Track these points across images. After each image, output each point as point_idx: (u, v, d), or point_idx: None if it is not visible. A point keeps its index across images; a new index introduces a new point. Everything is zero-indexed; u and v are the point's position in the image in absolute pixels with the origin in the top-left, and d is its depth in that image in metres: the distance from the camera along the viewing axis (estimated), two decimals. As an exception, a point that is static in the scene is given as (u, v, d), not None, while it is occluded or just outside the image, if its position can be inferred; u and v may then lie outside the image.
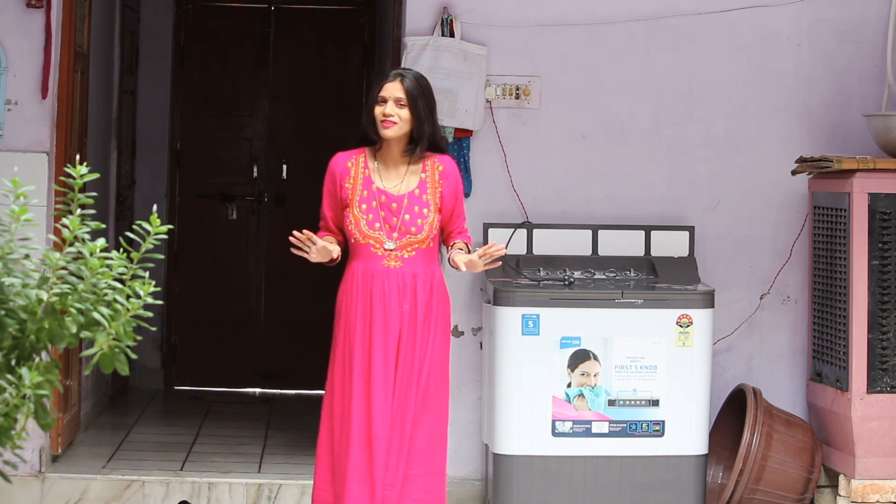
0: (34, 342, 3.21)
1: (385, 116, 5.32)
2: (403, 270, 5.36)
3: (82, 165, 3.43)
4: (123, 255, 3.34)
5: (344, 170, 5.43)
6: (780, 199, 6.94)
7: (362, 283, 5.38)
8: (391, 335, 5.34)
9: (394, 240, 5.35)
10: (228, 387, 9.33)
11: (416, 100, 5.33)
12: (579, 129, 6.88)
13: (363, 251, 5.38)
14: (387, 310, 5.34)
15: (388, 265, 5.36)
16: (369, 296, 5.36)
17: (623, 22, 6.87)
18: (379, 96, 5.36)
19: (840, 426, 6.51)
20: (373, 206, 5.37)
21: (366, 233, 5.36)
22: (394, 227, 5.36)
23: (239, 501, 6.53)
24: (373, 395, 5.32)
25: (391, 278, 5.35)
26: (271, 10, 9.56)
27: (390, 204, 5.36)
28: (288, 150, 9.58)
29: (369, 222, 5.36)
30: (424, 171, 5.41)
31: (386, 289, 5.35)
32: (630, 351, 6.30)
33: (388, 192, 5.38)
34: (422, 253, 5.38)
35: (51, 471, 6.58)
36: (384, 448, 5.29)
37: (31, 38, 6.47)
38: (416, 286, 5.36)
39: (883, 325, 6.42)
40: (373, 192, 5.38)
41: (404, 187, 5.39)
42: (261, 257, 9.55)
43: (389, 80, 5.37)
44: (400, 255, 5.36)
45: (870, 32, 6.95)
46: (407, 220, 5.36)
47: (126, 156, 8.89)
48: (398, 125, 5.33)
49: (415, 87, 5.34)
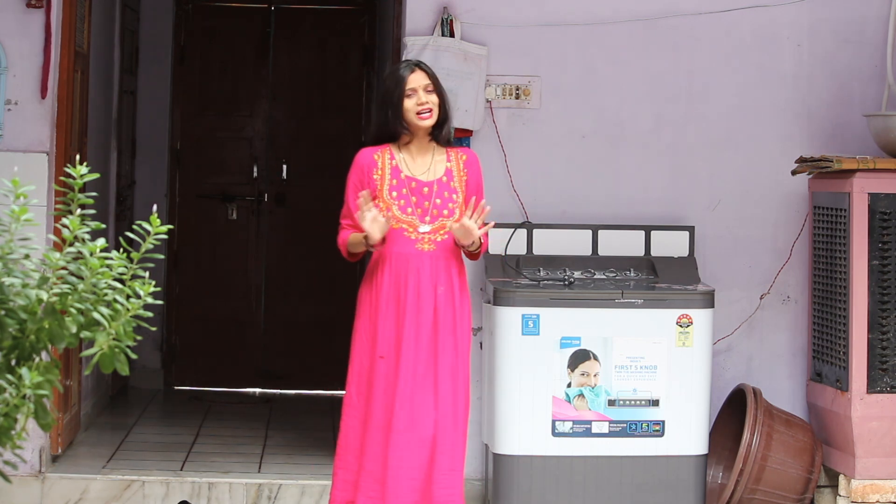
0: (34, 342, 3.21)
1: (421, 105, 5.35)
2: (437, 254, 5.37)
3: (82, 165, 3.43)
4: (123, 255, 3.34)
5: (371, 161, 5.43)
6: (780, 199, 6.94)
7: (395, 268, 5.37)
8: (424, 320, 5.33)
9: (427, 223, 5.37)
10: (228, 387, 9.33)
11: (439, 85, 5.42)
12: (579, 129, 6.88)
13: (395, 236, 5.37)
14: (420, 293, 5.34)
15: (422, 248, 5.37)
16: (404, 280, 5.35)
17: (623, 22, 6.87)
18: (407, 90, 5.36)
19: (840, 426, 6.51)
20: (403, 193, 5.38)
21: (399, 217, 5.36)
22: (426, 210, 5.38)
23: (239, 501, 6.53)
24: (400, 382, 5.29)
25: (425, 261, 5.36)
26: (271, 10, 9.56)
27: (421, 189, 5.38)
28: (288, 150, 9.58)
29: (401, 207, 5.37)
30: (449, 160, 5.46)
31: (421, 272, 5.34)
32: (630, 351, 6.30)
33: (418, 179, 5.40)
34: (453, 237, 5.39)
35: (51, 471, 6.58)
36: (428, 437, 5.27)
37: (31, 38, 6.47)
38: (450, 269, 5.38)
39: (883, 325, 6.42)
40: (402, 180, 5.39)
41: (432, 174, 5.43)
42: (261, 257, 9.55)
43: (410, 72, 5.39)
44: (433, 239, 5.38)
45: (870, 32, 6.96)
46: (438, 203, 5.39)
47: (126, 156, 8.89)
48: (433, 111, 5.38)
49: (433, 73, 5.44)
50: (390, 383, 5.32)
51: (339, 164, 9.54)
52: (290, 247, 9.56)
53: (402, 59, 5.60)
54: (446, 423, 5.31)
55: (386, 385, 5.32)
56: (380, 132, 5.47)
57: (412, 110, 5.37)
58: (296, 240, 9.55)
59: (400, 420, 5.29)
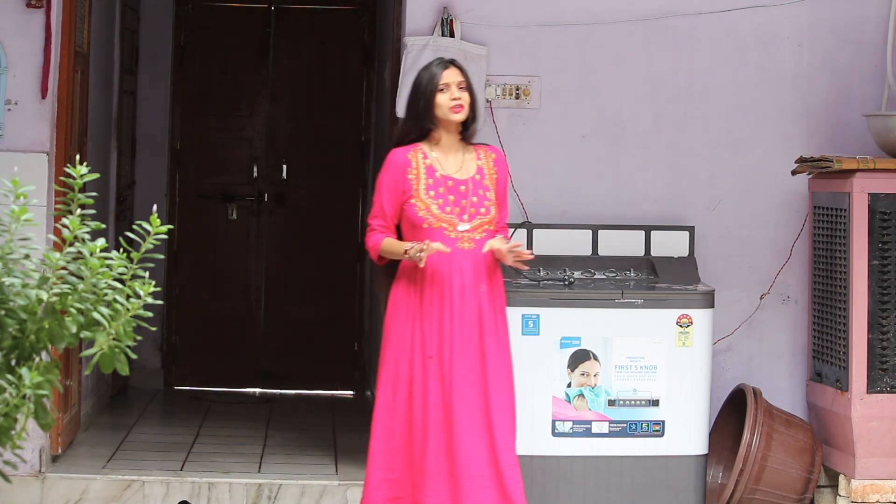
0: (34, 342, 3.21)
1: (455, 100, 5.36)
2: (477, 252, 5.35)
3: (82, 165, 3.43)
4: (123, 255, 3.34)
5: (405, 161, 5.41)
6: (780, 199, 6.94)
7: (437, 268, 5.32)
8: (469, 318, 5.31)
9: (466, 221, 5.37)
10: (228, 387, 9.33)
11: (470, 82, 5.43)
12: (579, 129, 6.88)
13: (436, 236, 5.34)
14: (465, 292, 5.32)
15: (463, 247, 5.35)
16: (448, 279, 5.32)
17: (623, 22, 6.87)
18: (441, 84, 5.36)
19: (840, 426, 6.51)
20: (440, 192, 5.37)
21: (439, 216, 5.35)
22: (464, 209, 5.37)
23: (239, 501, 6.53)
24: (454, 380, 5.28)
25: (467, 260, 5.34)
26: (271, 10, 9.56)
27: (458, 187, 5.38)
28: (288, 150, 9.58)
29: (440, 206, 5.36)
30: (479, 158, 5.46)
31: (464, 270, 5.32)
32: (630, 351, 6.30)
33: (453, 177, 5.39)
34: (490, 235, 5.39)
35: (51, 471, 6.57)
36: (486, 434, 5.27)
37: (31, 38, 6.47)
38: (490, 268, 5.38)
39: (883, 325, 6.42)
40: (438, 179, 5.38)
41: (465, 172, 5.42)
42: (261, 257, 9.55)
43: (444, 68, 5.40)
44: (472, 237, 5.36)
45: (870, 32, 6.96)
46: (475, 201, 5.38)
47: (126, 156, 8.89)
48: (465, 107, 5.39)
49: (466, 71, 5.46)
50: (442, 383, 5.30)
51: (339, 164, 9.58)
52: (290, 247, 9.56)
53: (436, 57, 5.59)
54: (500, 420, 5.30)
55: (437, 385, 5.30)
56: (408, 129, 5.46)
57: (445, 105, 5.36)
58: (296, 240, 9.55)
59: (460, 420, 5.27)
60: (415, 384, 5.33)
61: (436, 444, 5.29)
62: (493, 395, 5.31)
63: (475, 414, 5.29)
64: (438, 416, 5.30)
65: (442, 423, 5.30)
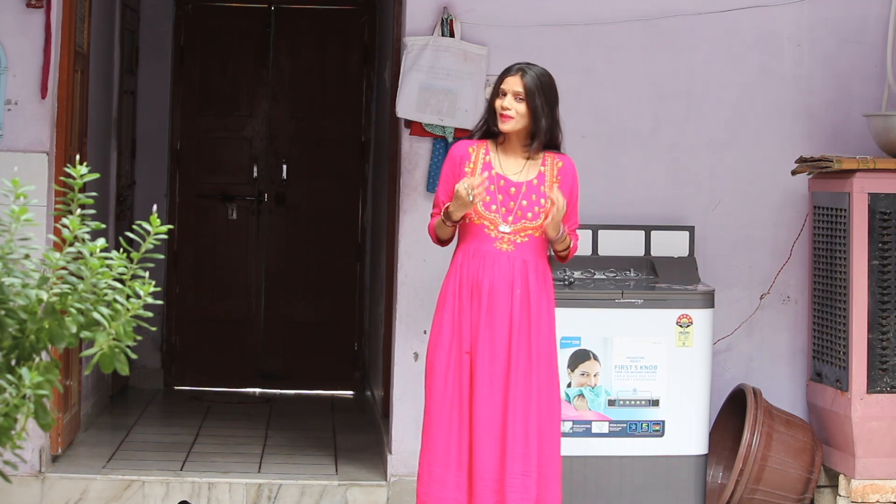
0: (34, 342, 3.20)
1: (503, 110, 5.31)
2: (515, 255, 5.30)
3: (82, 165, 3.43)
4: (123, 255, 3.34)
5: (465, 154, 5.39)
6: (780, 199, 6.94)
7: (471, 265, 5.30)
8: (499, 321, 5.26)
9: (509, 223, 5.33)
10: (228, 387, 9.33)
11: (533, 96, 5.30)
12: (579, 129, 6.88)
13: (476, 232, 5.32)
14: (495, 293, 5.27)
15: (500, 248, 5.31)
16: (479, 278, 5.28)
17: (623, 22, 6.87)
18: (500, 89, 5.33)
19: (840, 426, 6.51)
20: (490, 190, 5.33)
21: (481, 213, 5.31)
22: (510, 210, 5.32)
23: (239, 501, 6.53)
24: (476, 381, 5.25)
25: (502, 261, 5.29)
26: (271, 10, 9.56)
27: (508, 188, 5.34)
28: (288, 150, 9.58)
29: (486, 203, 5.31)
30: (544, 164, 5.39)
31: (496, 272, 5.28)
32: (630, 351, 6.30)
33: (507, 178, 5.35)
34: (534, 241, 5.33)
35: (51, 471, 6.58)
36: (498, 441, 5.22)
37: (31, 38, 6.47)
38: (527, 272, 5.30)
39: (883, 325, 6.42)
40: (491, 177, 5.34)
41: (523, 176, 5.36)
42: (261, 257, 9.55)
43: (511, 73, 5.34)
44: (513, 240, 5.31)
45: (870, 33, 6.96)
46: (524, 205, 5.32)
47: (126, 156, 8.89)
48: (515, 120, 5.30)
49: (534, 83, 5.31)
50: (472, 381, 5.27)
51: (339, 164, 9.58)
52: (290, 247, 9.56)
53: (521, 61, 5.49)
54: (516, 429, 5.23)
55: (467, 382, 5.28)
56: (478, 126, 5.44)
57: (497, 110, 5.34)
58: (296, 240, 9.55)
59: (477, 422, 5.24)
60: (449, 378, 5.30)
61: (459, 441, 5.28)
62: (512, 402, 5.23)
63: (494, 419, 5.24)
64: (463, 414, 5.28)
65: (466, 420, 5.28)
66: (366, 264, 9.50)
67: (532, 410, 5.25)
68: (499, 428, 5.24)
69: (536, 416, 5.26)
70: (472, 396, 5.26)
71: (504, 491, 5.21)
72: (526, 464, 5.23)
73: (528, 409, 5.25)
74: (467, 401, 5.28)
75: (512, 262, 5.30)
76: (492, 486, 5.22)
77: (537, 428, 5.26)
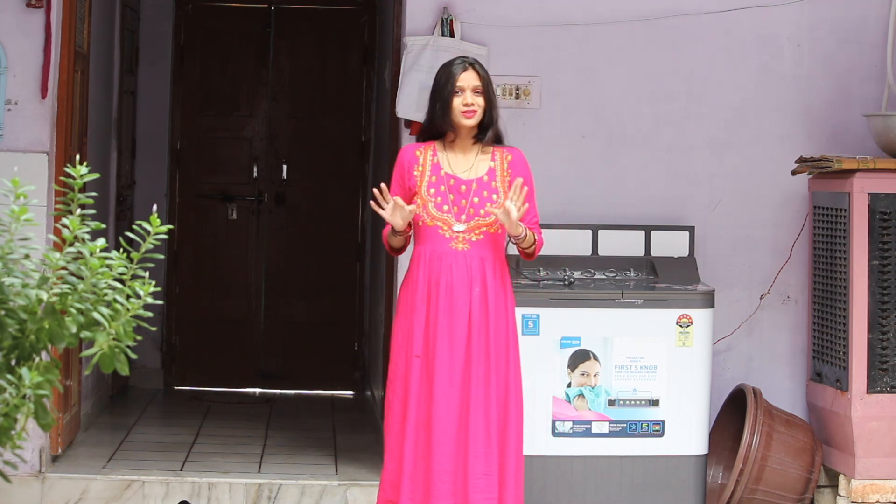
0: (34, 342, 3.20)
1: (467, 106, 5.32)
2: (471, 253, 5.31)
3: (82, 165, 3.43)
4: (123, 255, 3.34)
5: (413, 158, 5.40)
6: (780, 199, 6.95)
7: (428, 267, 5.31)
8: (458, 320, 5.27)
9: (462, 221, 5.33)
10: (228, 387, 9.33)
11: (488, 86, 5.38)
12: (579, 129, 6.88)
13: (430, 234, 5.34)
14: (454, 293, 5.28)
15: (456, 247, 5.32)
16: (436, 279, 5.29)
17: (623, 22, 6.87)
18: (457, 87, 5.33)
19: (840, 426, 6.51)
20: (441, 190, 5.34)
21: (434, 214, 5.33)
22: (462, 209, 5.33)
23: (239, 501, 6.53)
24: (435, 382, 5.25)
25: (459, 261, 5.30)
26: (271, 10, 9.56)
27: (459, 187, 5.34)
28: (288, 150, 9.58)
29: (437, 205, 5.33)
30: (493, 159, 5.40)
31: (454, 271, 5.29)
32: (630, 351, 6.30)
33: (457, 177, 5.36)
34: (490, 238, 5.34)
35: (51, 471, 6.57)
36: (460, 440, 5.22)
37: (31, 38, 6.47)
38: (484, 270, 5.31)
39: (883, 325, 6.42)
40: (441, 177, 5.36)
41: (473, 173, 5.38)
42: (261, 257, 9.55)
43: (463, 69, 5.36)
44: (468, 238, 5.32)
45: (870, 32, 6.96)
46: (476, 202, 5.33)
47: (126, 156, 8.89)
48: (478, 112, 5.34)
49: (485, 74, 5.40)
50: (425, 384, 5.29)
51: (339, 164, 9.58)
52: (289, 247, 9.56)
53: (459, 56, 5.53)
54: (477, 429, 5.24)
55: (420, 386, 5.30)
56: (428, 127, 5.44)
57: (458, 109, 5.34)
58: (296, 240, 9.55)
59: (436, 423, 5.24)
60: (409, 383, 5.32)
61: (414, 444, 5.29)
62: (473, 402, 5.24)
63: (453, 419, 5.25)
64: (420, 417, 5.29)
65: (423, 424, 5.29)
66: (366, 264, 9.49)
67: (492, 409, 5.27)
68: (458, 429, 5.25)
69: (496, 415, 5.27)
70: (430, 397, 5.27)
71: (466, 491, 5.21)
72: (488, 463, 5.24)
73: (488, 407, 5.26)
74: (425, 403, 5.28)
75: (469, 261, 5.31)
76: (449, 488, 5.22)
77: (497, 427, 5.27)
